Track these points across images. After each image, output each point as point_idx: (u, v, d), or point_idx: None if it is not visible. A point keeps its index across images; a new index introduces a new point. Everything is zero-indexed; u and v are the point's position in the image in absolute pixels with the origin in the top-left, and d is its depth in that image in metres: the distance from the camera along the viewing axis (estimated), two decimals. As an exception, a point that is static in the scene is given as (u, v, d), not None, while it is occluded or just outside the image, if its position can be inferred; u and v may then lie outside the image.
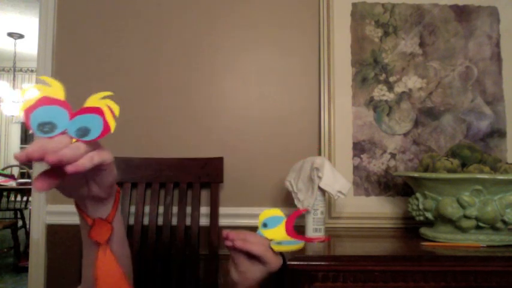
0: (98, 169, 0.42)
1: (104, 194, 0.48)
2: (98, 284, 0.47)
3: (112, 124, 0.42)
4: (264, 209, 0.63)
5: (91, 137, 0.40)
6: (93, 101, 0.42)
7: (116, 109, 0.43)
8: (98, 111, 0.41)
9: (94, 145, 0.41)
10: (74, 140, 0.40)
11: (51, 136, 0.38)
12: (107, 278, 0.48)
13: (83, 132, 0.40)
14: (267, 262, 0.59)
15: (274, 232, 0.61)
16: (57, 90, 0.41)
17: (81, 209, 0.50)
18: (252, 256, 0.59)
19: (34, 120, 0.38)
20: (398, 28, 1.23)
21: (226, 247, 0.60)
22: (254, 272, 0.60)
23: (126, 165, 1.15)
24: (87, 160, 0.39)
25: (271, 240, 0.61)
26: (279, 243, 0.60)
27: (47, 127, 0.39)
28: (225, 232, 0.60)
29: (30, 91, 0.40)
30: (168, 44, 1.25)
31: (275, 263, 0.60)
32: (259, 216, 0.62)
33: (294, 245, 0.60)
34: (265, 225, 0.61)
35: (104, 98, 0.43)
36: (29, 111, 0.38)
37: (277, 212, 0.63)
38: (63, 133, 0.39)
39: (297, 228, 0.65)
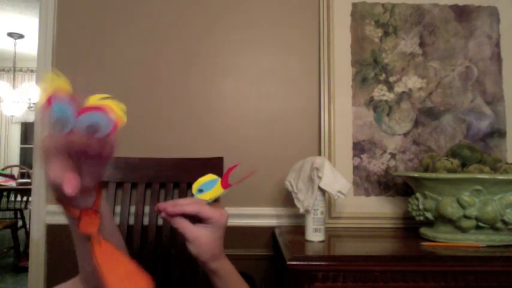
0: (99, 158, 0.42)
1: (95, 183, 0.47)
2: (107, 281, 0.43)
3: (122, 117, 0.42)
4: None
5: (102, 133, 0.41)
6: (94, 100, 0.42)
7: (121, 107, 0.43)
8: (101, 109, 0.41)
9: None
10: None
11: (64, 133, 0.40)
12: (113, 270, 0.44)
13: (94, 129, 0.41)
14: (208, 217, 0.55)
15: (210, 193, 0.58)
16: (63, 84, 0.41)
17: (65, 203, 0.47)
18: (193, 220, 0.56)
19: (51, 118, 0.40)
20: (398, 28, 1.23)
21: (163, 219, 0.56)
22: (204, 234, 0.56)
23: (126, 165, 1.15)
24: None
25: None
26: (201, 190, 0.57)
27: (59, 124, 0.40)
28: (156, 206, 0.56)
29: (41, 90, 0.40)
30: (168, 44, 1.25)
31: (218, 215, 0.56)
32: (192, 186, 0.58)
33: (213, 187, 0.58)
34: (200, 190, 0.58)
35: (103, 98, 0.43)
36: (44, 109, 0.39)
37: (211, 176, 0.59)
38: (72, 131, 0.40)
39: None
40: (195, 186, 0.58)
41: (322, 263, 0.79)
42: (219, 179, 0.59)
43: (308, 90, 1.24)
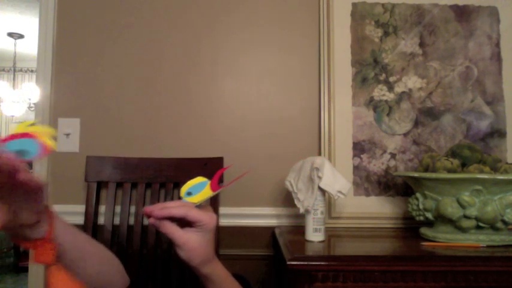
0: (29, 193, 0.42)
1: (38, 215, 0.45)
2: None
3: (50, 143, 0.43)
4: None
5: (31, 156, 0.42)
6: (21, 128, 0.43)
7: (49, 131, 0.44)
8: (29, 135, 0.42)
9: None
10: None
11: None
12: None
13: (22, 154, 0.41)
14: (196, 221, 0.53)
15: (199, 196, 0.56)
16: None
17: (14, 238, 0.46)
18: (182, 224, 0.54)
19: None
20: (398, 28, 1.23)
21: (151, 225, 0.54)
22: (193, 238, 0.54)
23: (126, 165, 1.15)
24: None
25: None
26: (190, 193, 0.56)
27: None
28: (143, 210, 0.54)
29: None
30: (168, 45, 1.25)
31: (207, 218, 0.54)
32: (181, 189, 0.57)
33: (202, 190, 0.56)
34: (189, 193, 0.56)
35: (31, 125, 0.44)
36: None
37: (200, 179, 0.58)
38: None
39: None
40: (184, 189, 0.57)
41: (322, 263, 0.79)
42: (208, 182, 0.58)
43: (308, 90, 1.24)
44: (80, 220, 1.16)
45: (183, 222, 0.54)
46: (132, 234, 1.11)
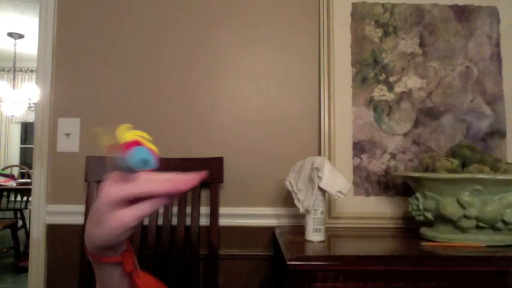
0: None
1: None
2: None
3: (155, 149, 0.45)
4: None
5: (152, 165, 0.44)
6: (123, 134, 0.44)
7: (146, 136, 0.46)
8: (138, 143, 0.44)
9: None
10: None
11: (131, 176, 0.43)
12: None
13: (145, 163, 0.43)
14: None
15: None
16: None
17: (107, 258, 0.47)
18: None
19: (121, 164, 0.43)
20: (398, 28, 1.23)
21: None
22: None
23: (126, 165, 1.15)
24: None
25: None
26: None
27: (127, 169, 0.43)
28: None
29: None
30: (168, 45, 1.25)
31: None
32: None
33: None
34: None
35: (129, 129, 0.45)
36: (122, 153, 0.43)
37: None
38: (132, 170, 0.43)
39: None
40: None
41: (322, 263, 0.78)
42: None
43: (308, 90, 1.24)
44: (80, 220, 1.16)
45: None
46: (132, 234, 1.11)
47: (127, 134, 0.43)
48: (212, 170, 1.16)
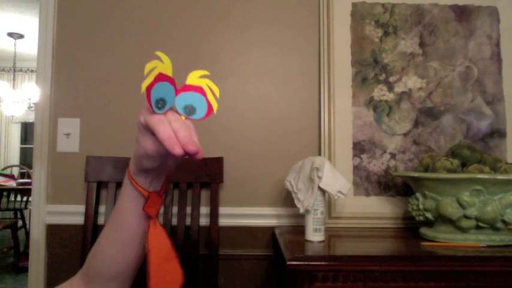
0: None
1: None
2: (150, 257, 0.48)
3: (215, 105, 0.43)
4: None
5: (198, 116, 0.42)
6: (193, 78, 0.43)
7: (216, 90, 0.44)
8: (200, 90, 0.42)
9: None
10: (182, 117, 0.42)
11: (163, 112, 0.41)
12: (159, 251, 0.49)
13: (190, 110, 0.42)
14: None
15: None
16: (167, 66, 0.42)
17: (136, 182, 0.50)
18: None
19: (153, 97, 0.40)
20: (398, 28, 1.23)
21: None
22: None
23: (126, 165, 1.15)
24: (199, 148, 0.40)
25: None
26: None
27: (160, 103, 0.41)
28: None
29: (150, 66, 0.41)
30: (168, 44, 1.25)
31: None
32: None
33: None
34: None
35: (203, 76, 0.44)
36: (149, 88, 0.40)
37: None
38: (171, 109, 0.41)
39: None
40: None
41: (322, 263, 0.78)
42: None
43: (308, 90, 1.24)
44: (80, 220, 1.16)
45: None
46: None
47: (197, 79, 0.43)
48: (212, 170, 1.16)
